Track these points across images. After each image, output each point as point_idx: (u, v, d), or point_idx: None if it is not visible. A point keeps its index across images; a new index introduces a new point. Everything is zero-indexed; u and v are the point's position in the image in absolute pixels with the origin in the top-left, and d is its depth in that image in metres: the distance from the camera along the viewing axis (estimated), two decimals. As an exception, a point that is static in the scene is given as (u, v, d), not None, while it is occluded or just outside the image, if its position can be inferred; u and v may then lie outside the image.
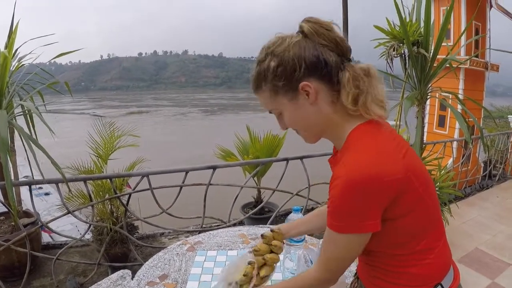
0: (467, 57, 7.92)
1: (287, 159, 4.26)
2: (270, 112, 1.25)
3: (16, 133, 3.68)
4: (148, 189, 3.74)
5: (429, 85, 4.06)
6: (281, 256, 2.03)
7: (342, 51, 1.15)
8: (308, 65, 1.11)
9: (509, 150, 8.71)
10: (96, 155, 4.19)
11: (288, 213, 2.42)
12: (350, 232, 1.09)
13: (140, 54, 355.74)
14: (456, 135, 8.99)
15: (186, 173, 3.84)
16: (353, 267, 1.92)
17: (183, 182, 3.86)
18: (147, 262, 2.06)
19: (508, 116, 9.73)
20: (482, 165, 8.40)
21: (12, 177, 3.47)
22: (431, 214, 1.17)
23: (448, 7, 3.70)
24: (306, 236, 2.04)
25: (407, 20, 4.00)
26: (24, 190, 3.86)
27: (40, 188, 14.32)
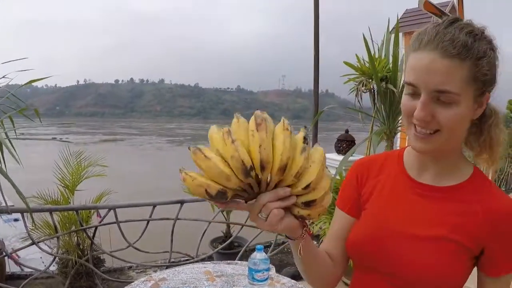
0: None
1: (255, 194, 4.18)
2: (438, 92, 0.92)
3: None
4: (114, 223, 3.68)
5: (398, 120, 4.12)
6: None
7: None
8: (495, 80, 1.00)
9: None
10: (63, 185, 4.14)
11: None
12: None
13: (116, 81, 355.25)
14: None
15: (154, 207, 3.77)
16: None
17: (150, 216, 3.81)
18: (109, 300, 2.01)
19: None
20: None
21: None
22: None
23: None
24: (272, 274, 2.02)
25: (376, 56, 4.08)
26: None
27: (9, 213, 13.95)
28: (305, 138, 0.91)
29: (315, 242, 1.11)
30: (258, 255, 1.79)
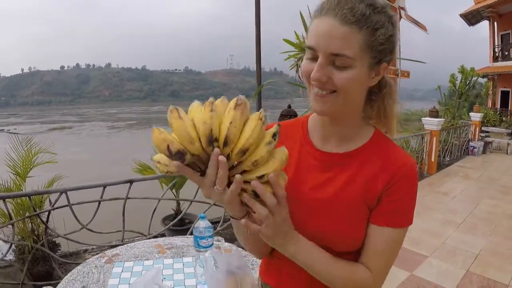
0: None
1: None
2: (334, 55, 0.97)
3: None
4: (66, 206, 3.73)
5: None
6: (192, 263, 2.13)
7: None
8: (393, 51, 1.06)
9: (425, 150, 9.27)
10: (14, 173, 4.17)
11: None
12: (411, 223, 1.13)
13: (62, 67, 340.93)
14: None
15: (104, 188, 3.84)
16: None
17: (101, 197, 3.89)
18: (66, 276, 2.07)
19: (422, 118, 10.21)
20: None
21: None
22: None
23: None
24: (220, 243, 2.16)
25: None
26: None
27: None
28: (275, 134, 0.94)
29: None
30: (202, 223, 1.93)
